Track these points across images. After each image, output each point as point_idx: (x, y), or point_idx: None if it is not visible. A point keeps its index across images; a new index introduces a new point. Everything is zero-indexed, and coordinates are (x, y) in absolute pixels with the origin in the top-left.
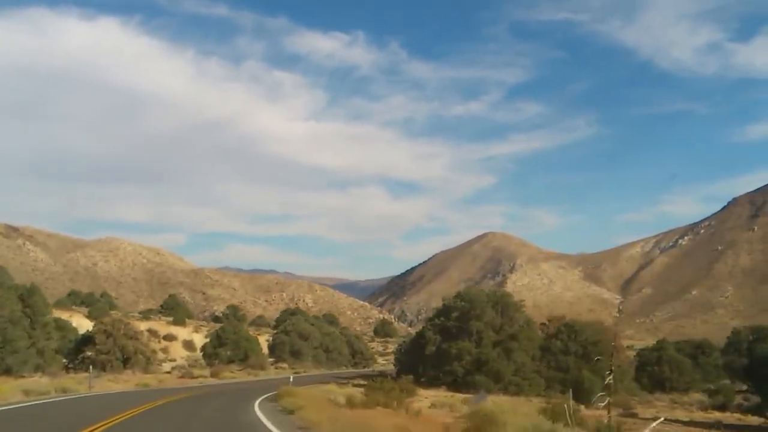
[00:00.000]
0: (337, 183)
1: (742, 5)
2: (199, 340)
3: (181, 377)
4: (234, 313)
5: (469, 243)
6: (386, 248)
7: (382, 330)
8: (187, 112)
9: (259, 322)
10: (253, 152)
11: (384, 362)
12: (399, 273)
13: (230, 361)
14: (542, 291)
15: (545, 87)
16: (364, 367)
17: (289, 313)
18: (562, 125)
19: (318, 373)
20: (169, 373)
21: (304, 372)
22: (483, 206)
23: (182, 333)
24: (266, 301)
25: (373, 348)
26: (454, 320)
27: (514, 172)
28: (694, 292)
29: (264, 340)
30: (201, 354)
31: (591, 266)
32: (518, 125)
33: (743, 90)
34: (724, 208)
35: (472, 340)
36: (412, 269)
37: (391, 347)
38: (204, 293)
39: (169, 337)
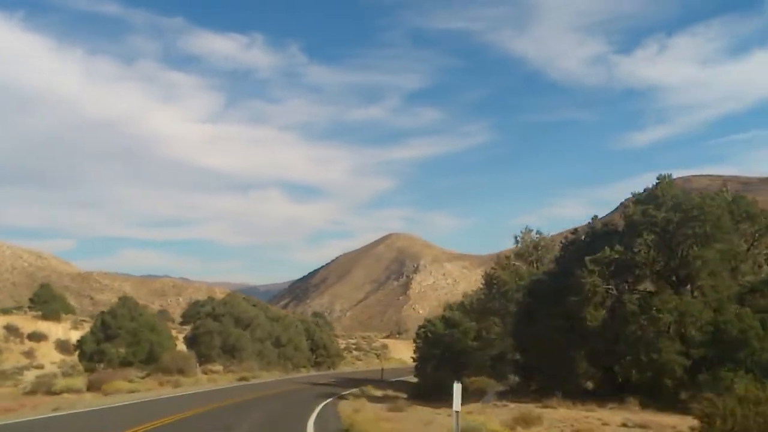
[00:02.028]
0: (235, 186)
1: (626, 20)
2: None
3: (31, 393)
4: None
5: (373, 244)
6: (287, 252)
7: None
8: (76, 111)
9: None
10: (147, 154)
11: (359, 363)
12: (301, 276)
13: (126, 364)
14: (447, 291)
15: (442, 93)
16: (329, 367)
17: (200, 305)
18: (459, 131)
19: (274, 379)
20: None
21: (255, 378)
22: (384, 210)
23: (56, 330)
24: (161, 305)
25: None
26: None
27: (414, 176)
28: None
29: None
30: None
31: (493, 266)
32: (417, 130)
33: (626, 100)
34: (615, 209)
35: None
36: (315, 272)
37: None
38: (92, 298)
39: (37, 337)
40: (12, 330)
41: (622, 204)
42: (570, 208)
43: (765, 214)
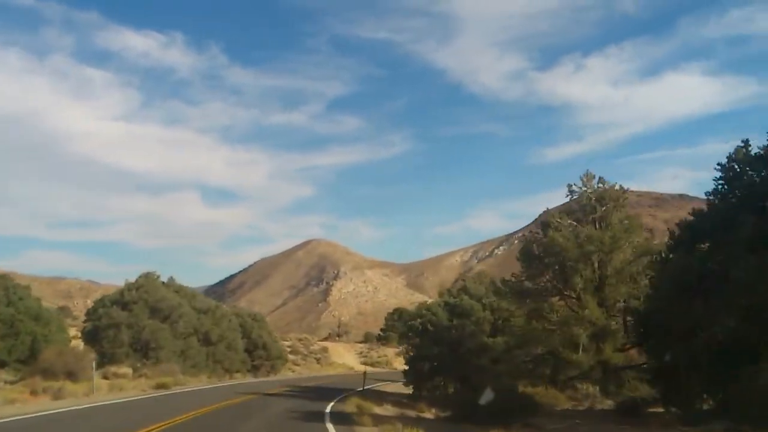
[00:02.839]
0: (149, 187)
1: (544, 38)
2: None
3: None
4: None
5: (293, 250)
6: (202, 256)
7: None
8: None
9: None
10: (56, 152)
11: (299, 368)
12: (217, 281)
13: None
14: (367, 298)
15: (365, 102)
16: (269, 372)
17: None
18: (381, 140)
19: (205, 387)
20: None
21: (178, 386)
22: (303, 216)
23: None
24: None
25: None
26: None
27: (335, 183)
28: None
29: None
30: None
31: (414, 274)
32: (338, 137)
33: (543, 116)
34: (535, 220)
35: None
36: (231, 277)
37: None
38: None
39: None
40: None
41: (544, 212)
42: (486, 220)
43: None
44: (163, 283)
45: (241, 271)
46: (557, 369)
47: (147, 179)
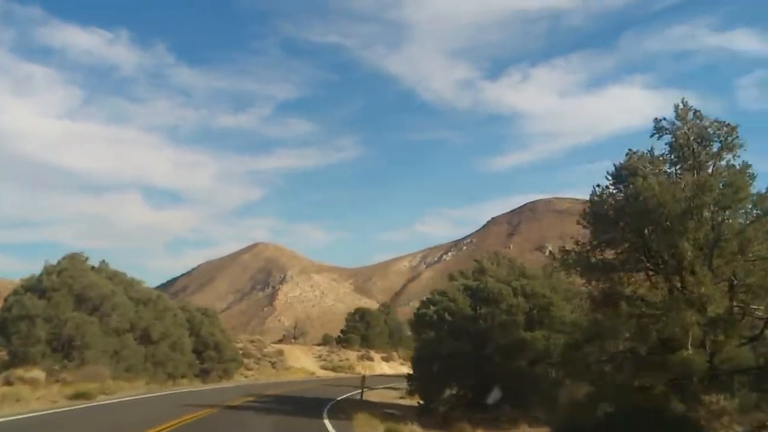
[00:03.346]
0: (90, 187)
1: (493, 48)
2: None
3: None
4: None
5: (239, 253)
6: (144, 258)
7: None
8: None
9: None
10: None
11: (251, 373)
12: (159, 284)
13: None
14: (314, 303)
15: (315, 106)
16: (221, 378)
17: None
18: (331, 144)
19: (144, 395)
20: None
21: (106, 395)
22: (250, 219)
23: None
24: None
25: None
26: None
27: (283, 187)
28: None
29: None
30: None
31: (362, 279)
32: (288, 141)
33: (492, 124)
34: (483, 226)
35: None
36: (174, 279)
37: None
38: None
39: None
40: None
41: (493, 219)
42: (435, 226)
43: None
44: (93, 267)
45: (184, 274)
46: (654, 372)
47: (88, 178)
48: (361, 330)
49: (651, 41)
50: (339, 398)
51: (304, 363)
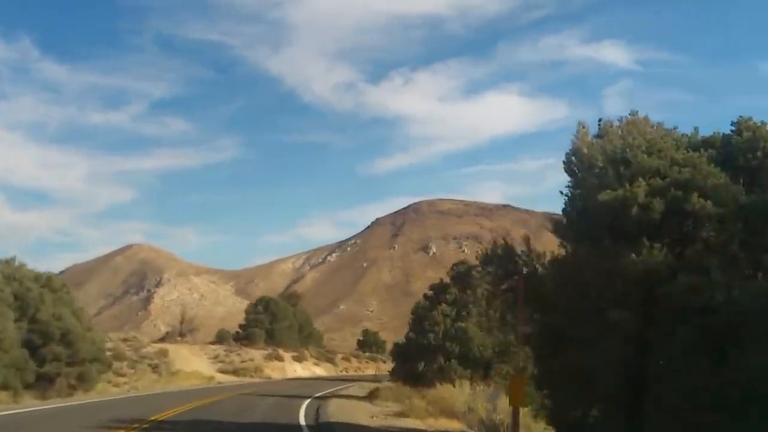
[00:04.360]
0: None
1: (374, 51)
2: None
3: None
4: None
5: (111, 255)
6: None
7: None
8: None
9: None
10: None
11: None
12: None
13: None
14: (193, 305)
15: (193, 105)
16: (74, 387)
17: None
18: (210, 145)
19: None
20: None
21: None
22: (123, 222)
23: None
24: None
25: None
26: None
27: (159, 188)
28: (342, 307)
29: None
30: None
31: (244, 281)
32: (164, 140)
33: (374, 127)
34: (368, 227)
35: None
36: None
37: None
38: None
39: None
40: None
41: (377, 220)
42: (319, 229)
43: None
44: None
45: None
46: None
47: None
48: (265, 324)
49: (525, 51)
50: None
51: (196, 366)
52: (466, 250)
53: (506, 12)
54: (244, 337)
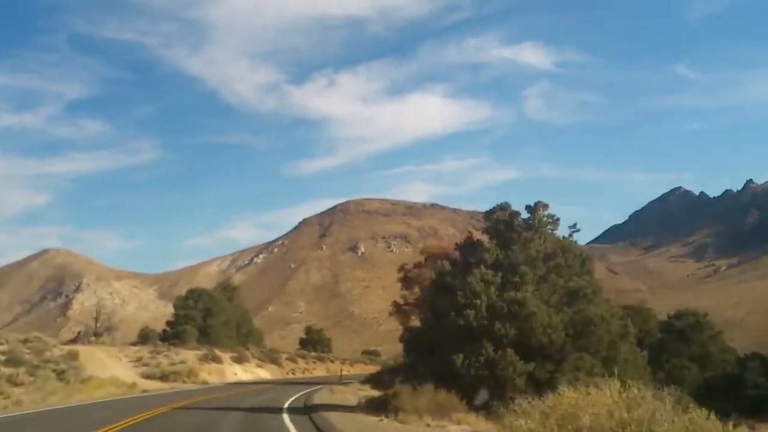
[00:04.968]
0: None
1: (297, 52)
2: None
3: None
4: None
5: (26, 261)
6: None
7: None
8: None
9: None
10: None
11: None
12: None
13: None
14: (114, 311)
15: (109, 106)
16: None
17: None
18: (127, 146)
19: None
20: None
21: None
22: (38, 226)
23: None
24: None
25: None
26: None
27: (75, 191)
28: (270, 309)
29: None
30: None
31: (167, 285)
32: (80, 143)
33: (298, 128)
34: (295, 228)
35: None
36: None
37: None
38: None
39: None
40: None
41: (304, 221)
42: (244, 231)
43: None
44: None
45: None
46: None
47: None
48: (198, 320)
49: (447, 52)
50: None
51: (114, 371)
52: (394, 250)
53: (427, 14)
54: (173, 335)
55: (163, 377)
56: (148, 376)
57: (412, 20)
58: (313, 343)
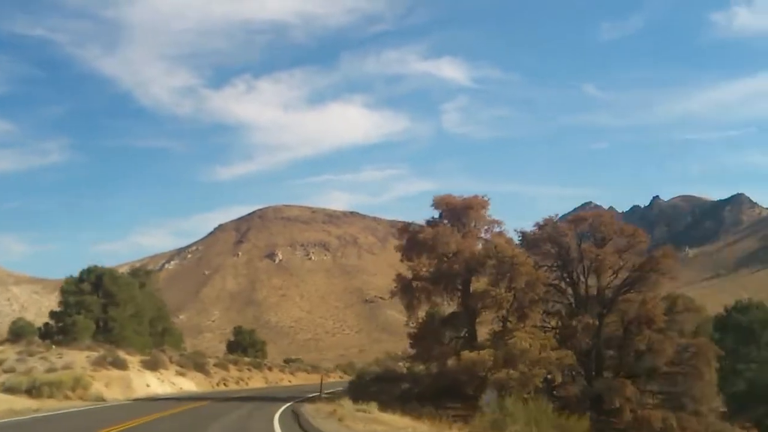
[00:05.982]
0: None
1: (215, 56)
2: None
3: None
4: None
5: None
6: None
7: None
8: None
9: None
10: None
11: None
12: None
13: None
14: (13, 317)
15: (15, 104)
16: None
17: None
18: (35, 147)
19: None
20: None
21: None
22: None
23: None
24: None
25: None
26: None
27: None
28: (182, 317)
29: None
30: None
31: None
32: None
33: (215, 134)
34: (210, 234)
35: None
36: None
37: None
38: None
39: None
40: None
41: (220, 226)
42: (156, 237)
43: None
44: None
45: None
46: None
47: None
48: (95, 310)
49: (367, 63)
50: None
51: None
52: (313, 258)
53: (349, 24)
54: (58, 331)
55: (32, 391)
56: (9, 390)
57: (334, 29)
58: (244, 346)
